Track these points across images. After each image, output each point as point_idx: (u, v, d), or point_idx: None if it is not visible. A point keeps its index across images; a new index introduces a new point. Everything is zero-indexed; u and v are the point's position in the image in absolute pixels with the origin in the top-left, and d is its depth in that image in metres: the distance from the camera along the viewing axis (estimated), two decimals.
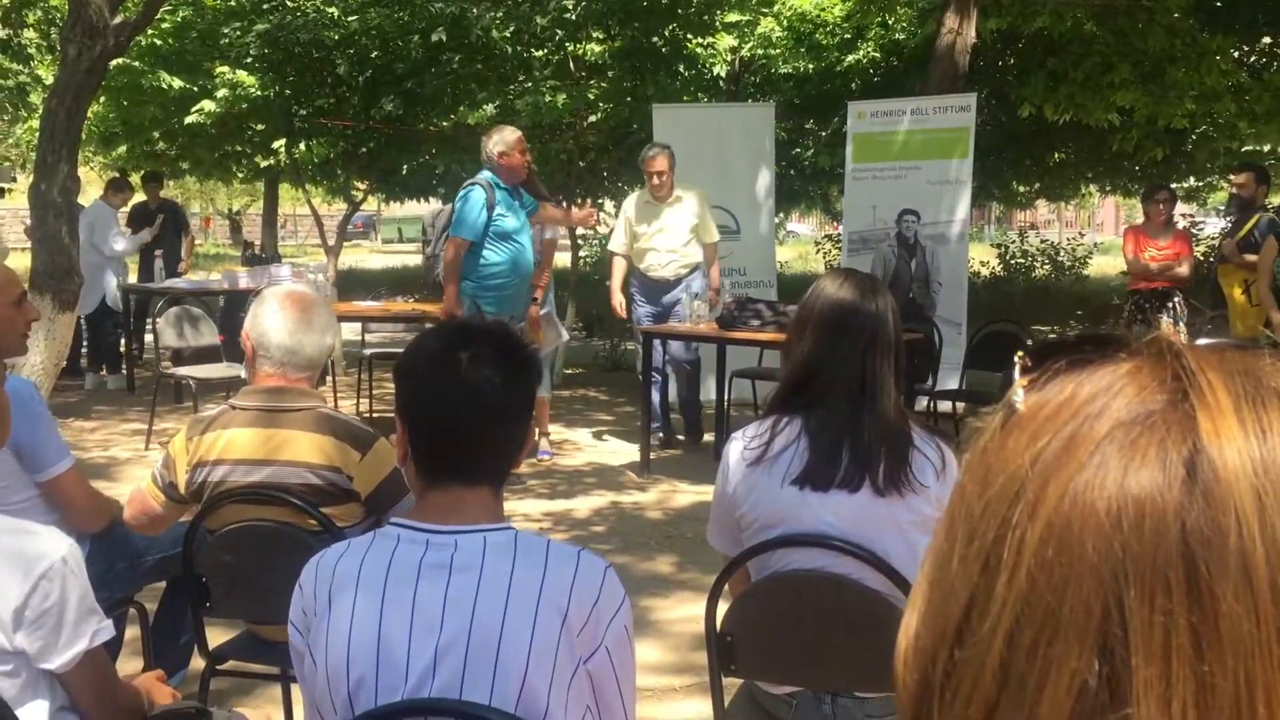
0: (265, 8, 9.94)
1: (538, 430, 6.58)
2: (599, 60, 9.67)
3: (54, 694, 1.71)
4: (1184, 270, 7.29)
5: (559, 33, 9.25)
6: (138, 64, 10.27)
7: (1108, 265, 19.93)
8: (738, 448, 2.25)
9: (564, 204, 10.69)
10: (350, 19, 9.63)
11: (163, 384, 7.23)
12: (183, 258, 9.64)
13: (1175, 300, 7.29)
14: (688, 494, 5.95)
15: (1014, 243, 18.75)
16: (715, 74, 11.03)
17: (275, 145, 10.76)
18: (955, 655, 0.54)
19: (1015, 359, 0.62)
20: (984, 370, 7.22)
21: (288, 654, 1.71)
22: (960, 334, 7.86)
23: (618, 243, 7.06)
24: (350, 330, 9.45)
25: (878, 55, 12.65)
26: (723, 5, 10.56)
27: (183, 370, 6.84)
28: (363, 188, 12.59)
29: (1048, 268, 18.40)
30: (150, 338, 8.37)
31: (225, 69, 9.92)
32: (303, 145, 10.47)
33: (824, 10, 12.38)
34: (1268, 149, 15.01)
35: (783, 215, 24.10)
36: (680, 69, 10.23)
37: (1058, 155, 15.37)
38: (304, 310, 2.53)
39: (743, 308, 6.33)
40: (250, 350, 2.57)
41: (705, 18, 10.15)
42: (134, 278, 9.51)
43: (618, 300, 7.07)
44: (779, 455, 2.17)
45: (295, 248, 33.82)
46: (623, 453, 6.91)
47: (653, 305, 6.92)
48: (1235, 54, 11.11)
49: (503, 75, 9.94)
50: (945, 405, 7.02)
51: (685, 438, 7.16)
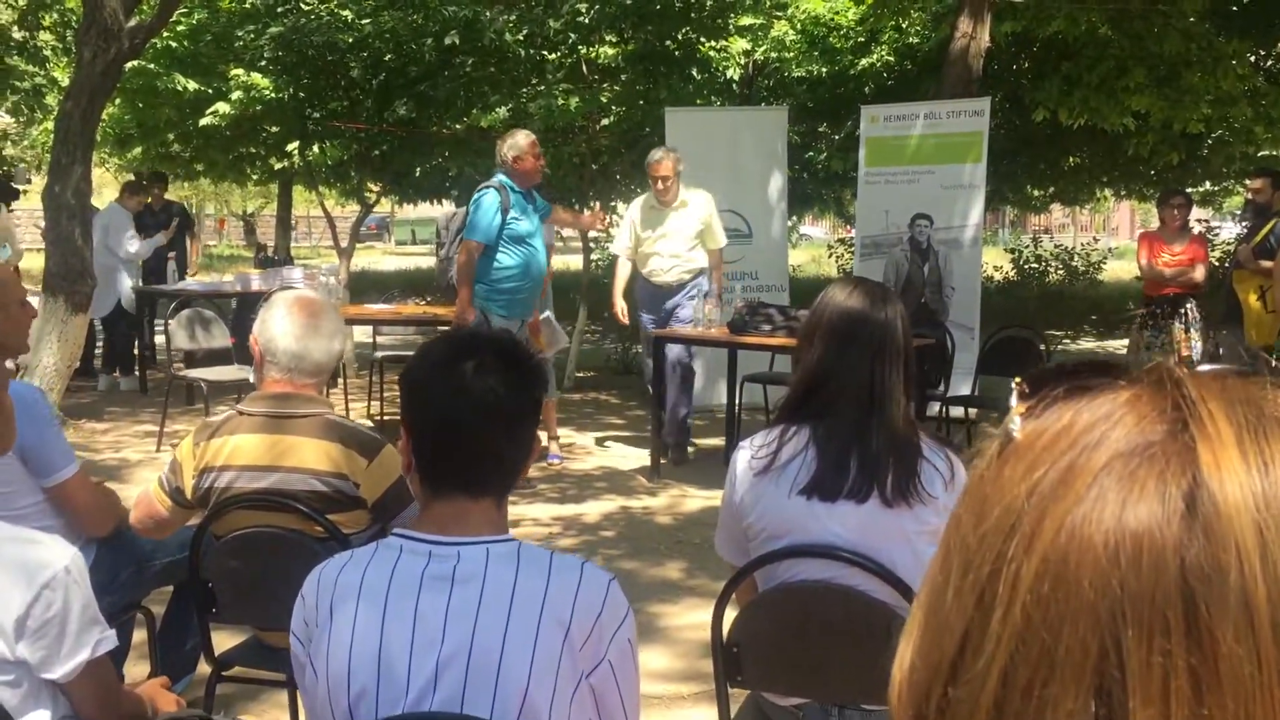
0: (279, 11, 9.96)
1: (546, 434, 6.56)
2: (612, 63, 9.66)
3: (56, 704, 1.71)
4: (1198, 275, 7.25)
5: (572, 36, 9.24)
6: (153, 66, 10.29)
7: (1123, 270, 19.83)
8: (745, 457, 2.24)
9: (576, 206, 10.71)
10: (364, 22, 9.63)
11: (175, 386, 7.25)
12: (190, 260, 9.68)
13: (1188, 306, 7.25)
14: (697, 499, 5.94)
15: (1028, 247, 18.66)
16: (728, 77, 11.01)
17: (289, 147, 10.78)
18: (949, 693, 0.53)
19: (1013, 385, 0.60)
20: (997, 376, 7.19)
21: None
22: (973, 339, 7.83)
23: (621, 246, 6.92)
24: (362, 332, 9.47)
25: (891, 59, 12.62)
26: (736, 9, 10.54)
27: (194, 373, 6.86)
28: (376, 189, 12.59)
29: (1062, 273, 18.31)
30: (161, 339, 8.39)
31: (239, 71, 9.94)
32: (316, 148, 10.49)
33: (837, 14, 12.35)
34: None
35: (795, 218, 24.09)
36: (693, 72, 10.21)
37: (1072, 159, 15.28)
38: (312, 316, 2.52)
39: (754, 312, 6.31)
40: (258, 355, 2.57)
41: (719, 21, 10.13)
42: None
43: (619, 307, 6.98)
44: (786, 465, 2.16)
45: (309, 249, 33.93)
46: (633, 457, 6.90)
47: (654, 313, 6.78)
48: (1251, 58, 11.05)
49: (515, 78, 9.94)
50: (958, 411, 6.98)
51: (670, 454, 6.71)
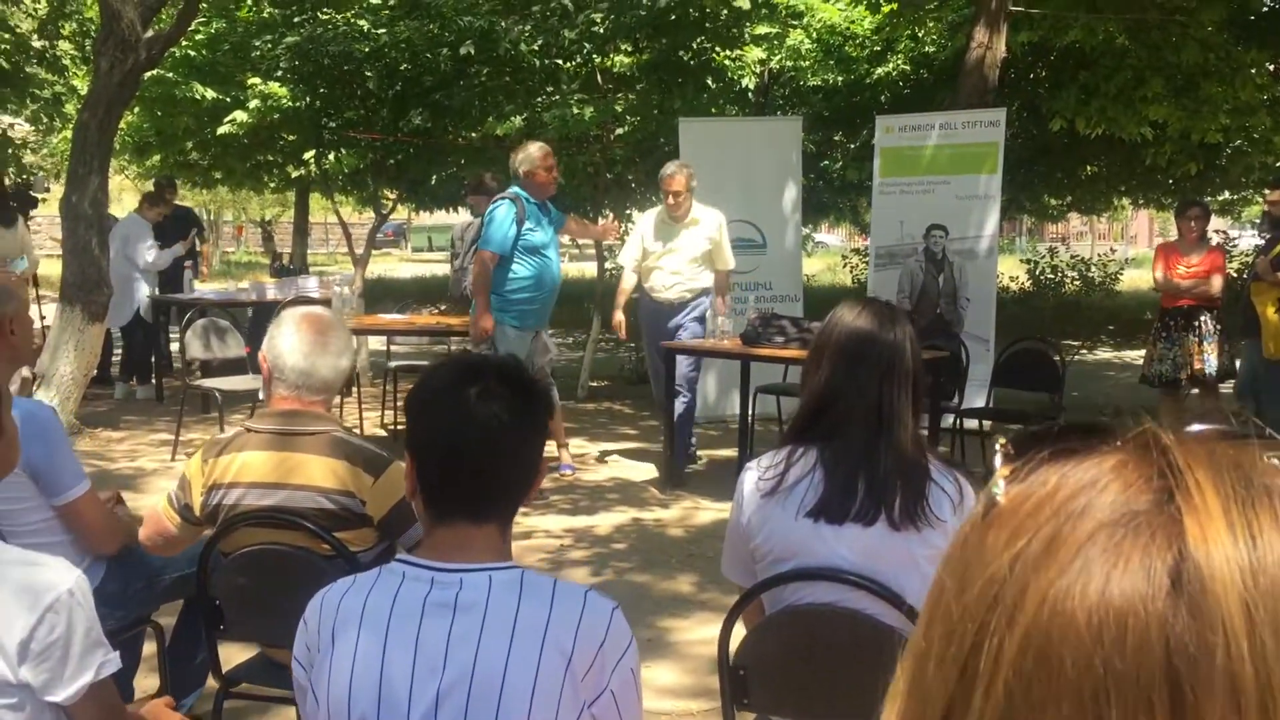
0: (296, 21, 10.01)
1: (556, 443, 6.54)
2: (627, 72, 9.67)
3: None
4: (1214, 288, 7.17)
5: (587, 46, 9.25)
6: (171, 75, 10.37)
7: (1141, 279, 19.71)
8: (752, 478, 2.22)
9: (590, 215, 10.71)
10: (379, 31, 9.68)
11: (190, 395, 7.27)
12: (203, 267, 9.73)
13: (1203, 318, 7.17)
14: (710, 511, 5.93)
15: (1044, 258, 18.56)
16: (744, 86, 11.02)
17: (306, 156, 10.84)
18: None
19: (997, 447, 0.60)
20: (1012, 388, 7.16)
21: None
22: (988, 350, 7.79)
23: (628, 257, 6.80)
24: (376, 341, 9.49)
25: (907, 68, 12.62)
26: (752, 18, 10.54)
27: (209, 382, 6.89)
28: (392, 197, 12.64)
29: (1078, 283, 18.20)
30: (175, 348, 8.44)
31: (256, 80, 10.00)
32: (332, 156, 10.54)
33: (853, 23, 12.36)
34: None
35: (811, 227, 24.06)
36: (708, 81, 10.21)
37: (1090, 168, 15.23)
38: (320, 333, 2.52)
39: (767, 324, 6.29)
40: (266, 372, 2.57)
41: (734, 31, 10.13)
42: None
43: (618, 319, 6.89)
44: (794, 486, 2.15)
45: (326, 256, 34.08)
46: (646, 468, 6.89)
47: (656, 329, 6.65)
48: (1270, 67, 10.98)
49: (530, 88, 9.96)
50: (972, 423, 6.94)
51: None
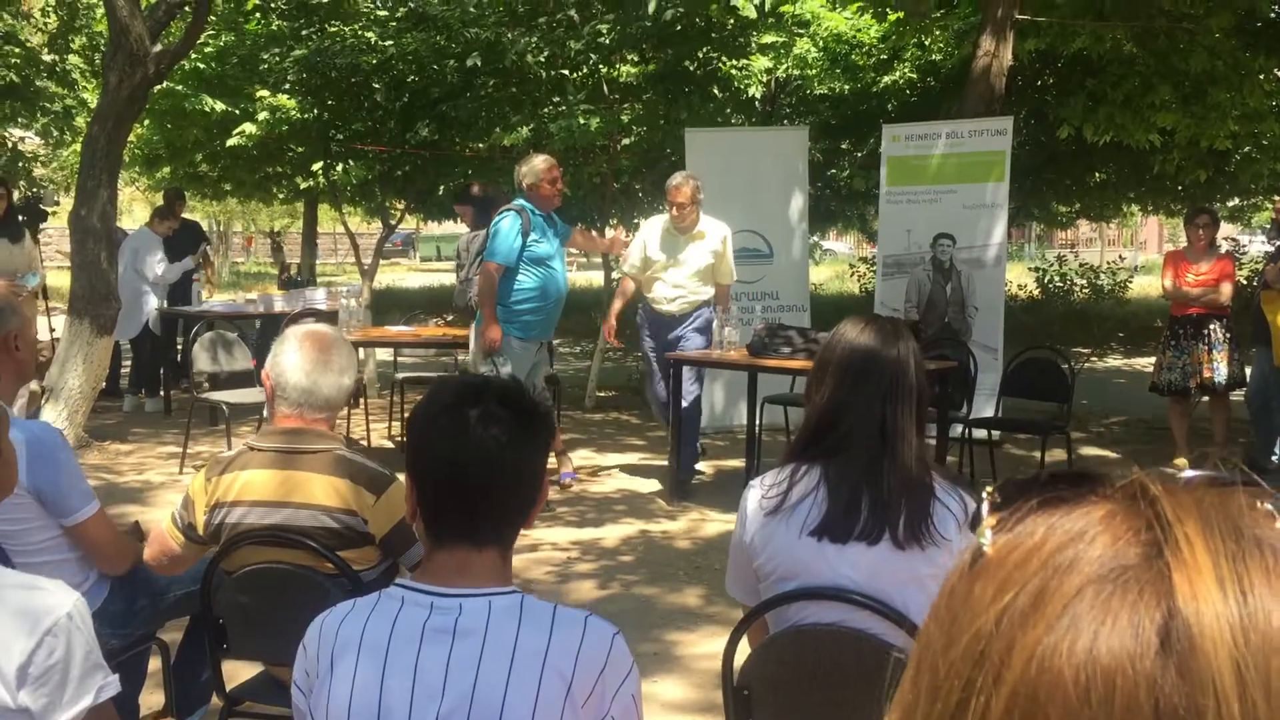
0: (304, 34, 10.05)
1: (554, 453, 6.52)
2: (634, 81, 9.69)
3: None
4: (1225, 294, 7.14)
5: (593, 57, 9.27)
6: (181, 88, 10.41)
7: (1151, 286, 19.65)
8: (755, 496, 2.21)
9: (597, 225, 10.71)
10: (387, 44, 9.72)
11: (198, 407, 7.29)
12: (208, 280, 9.75)
13: (1212, 327, 7.14)
14: (717, 522, 5.91)
15: (1052, 265, 18.52)
16: (750, 95, 11.02)
17: (314, 167, 10.88)
18: None
19: (984, 495, 0.59)
20: (1020, 398, 7.13)
21: None
22: (997, 359, 7.76)
23: (630, 265, 6.69)
24: (384, 352, 9.49)
25: (914, 76, 12.60)
26: (758, 27, 10.54)
27: (216, 395, 6.90)
28: (400, 207, 12.68)
29: (1087, 291, 18.15)
30: (181, 360, 8.46)
31: (265, 93, 10.04)
32: (340, 167, 10.58)
33: (860, 31, 12.33)
34: None
35: (819, 235, 24.05)
36: (714, 91, 10.22)
37: (1098, 175, 15.18)
38: (322, 351, 2.52)
39: (773, 334, 6.28)
40: (270, 389, 2.57)
41: (740, 40, 10.13)
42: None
43: (610, 325, 6.78)
44: (797, 505, 2.14)
45: (335, 265, 34.19)
46: (653, 479, 6.87)
47: (656, 339, 6.60)
48: (1278, 73, 10.94)
49: (536, 99, 9.99)
50: (980, 433, 6.92)
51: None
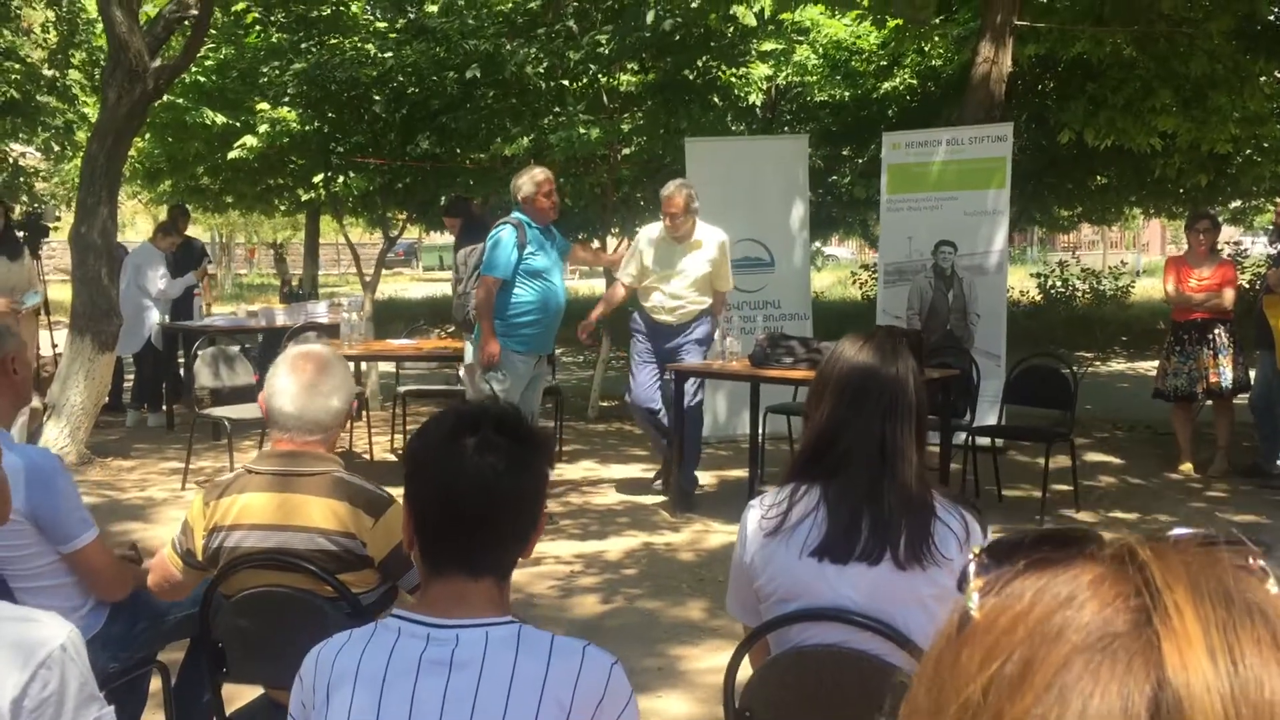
0: (303, 47, 10.06)
1: None
2: (633, 89, 9.69)
3: None
4: (1227, 299, 7.13)
5: (592, 67, 9.28)
6: (181, 101, 10.42)
7: (1154, 289, 19.63)
8: (755, 516, 2.20)
9: (597, 235, 10.72)
10: (386, 55, 9.73)
11: (201, 422, 7.28)
12: (206, 298, 9.76)
13: (1217, 331, 7.13)
14: (720, 534, 5.89)
15: (1054, 271, 18.49)
16: (751, 103, 11.02)
17: (315, 179, 10.88)
18: None
19: (970, 556, 0.58)
20: (1024, 405, 7.11)
21: None
22: (999, 365, 7.75)
23: (626, 274, 6.58)
24: (386, 364, 9.49)
25: (914, 82, 12.61)
26: (757, 35, 10.55)
27: (218, 411, 6.89)
28: (402, 218, 12.69)
29: (1089, 296, 18.13)
30: (185, 375, 8.46)
31: (265, 106, 10.05)
32: (341, 179, 10.59)
33: (859, 38, 12.36)
34: None
35: (820, 242, 24.05)
36: (714, 99, 10.22)
37: (1099, 179, 15.18)
38: (311, 374, 2.50)
39: (775, 344, 6.27)
40: (266, 413, 2.56)
41: (740, 47, 10.14)
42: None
43: (587, 324, 6.51)
44: (797, 526, 2.12)
45: (338, 276, 34.22)
46: (657, 490, 6.85)
47: (654, 349, 6.49)
48: (1279, 75, 10.93)
49: (536, 109, 10.00)
50: (984, 440, 6.90)
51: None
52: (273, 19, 10.60)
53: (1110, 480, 7.30)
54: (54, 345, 8.85)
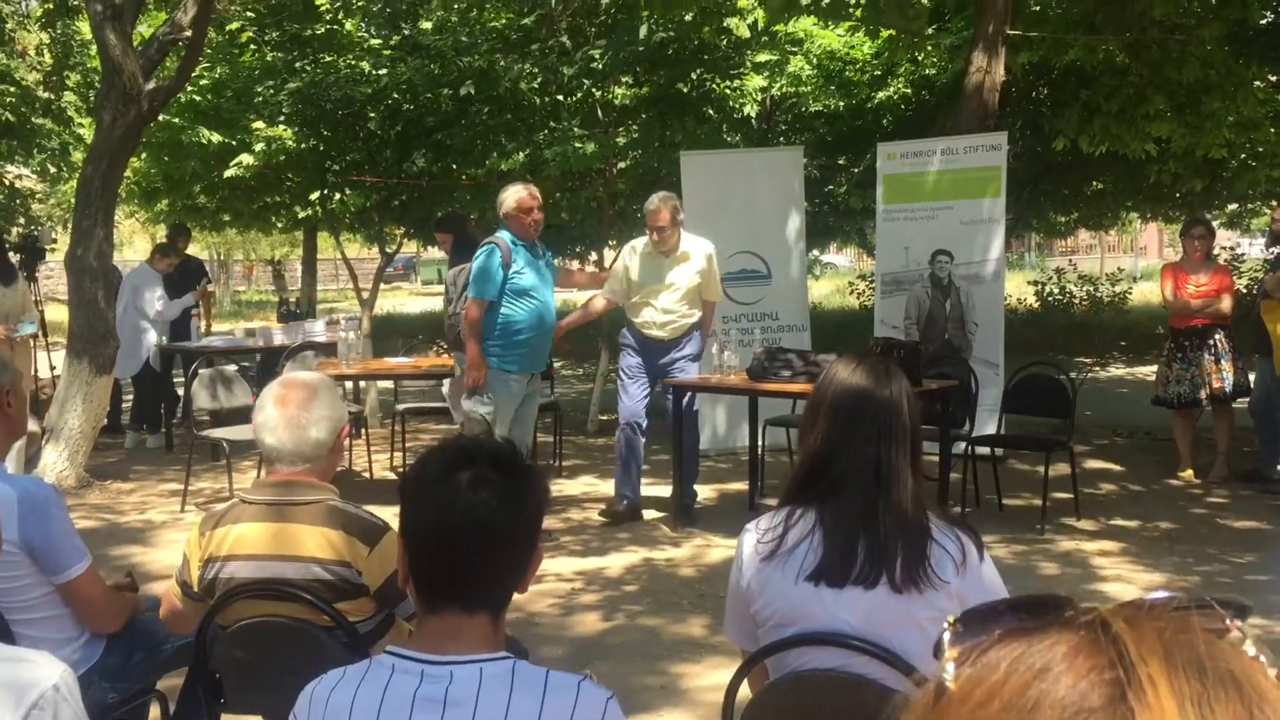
0: (298, 66, 10.07)
1: None
2: (628, 101, 9.70)
3: None
4: (1225, 306, 7.15)
5: (586, 82, 9.29)
6: (177, 120, 10.43)
7: (1152, 293, 19.64)
8: (751, 540, 2.19)
9: (592, 252, 10.72)
10: (381, 73, 9.73)
11: (199, 444, 7.27)
12: (203, 316, 9.75)
13: (1217, 337, 7.14)
14: (720, 549, 5.88)
15: (1051, 279, 18.49)
16: (746, 114, 11.03)
17: (312, 196, 10.89)
18: None
19: (945, 625, 0.57)
20: (1023, 414, 7.11)
21: None
22: (998, 374, 7.74)
23: (610, 289, 6.50)
24: (385, 381, 9.48)
25: (908, 91, 12.62)
26: (751, 46, 10.56)
27: (216, 432, 6.88)
28: (399, 233, 12.69)
29: (1086, 303, 18.13)
30: (182, 396, 8.45)
31: (261, 125, 10.06)
32: (337, 197, 10.59)
33: (853, 48, 12.38)
34: None
35: (817, 252, 24.07)
36: (709, 111, 10.24)
37: (1095, 184, 15.19)
38: (295, 407, 2.49)
39: (773, 358, 6.26)
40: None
41: (734, 59, 10.15)
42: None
43: (558, 329, 6.31)
44: (793, 550, 2.12)
45: (337, 292, 34.21)
46: (656, 504, 6.84)
47: (647, 363, 6.40)
48: (1273, 78, 10.94)
49: (531, 125, 10.00)
50: (983, 450, 6.89)
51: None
52: (267, 38, 10.62)
53: (1111, 487, 7.29)
54: (52, 368, 8.85)
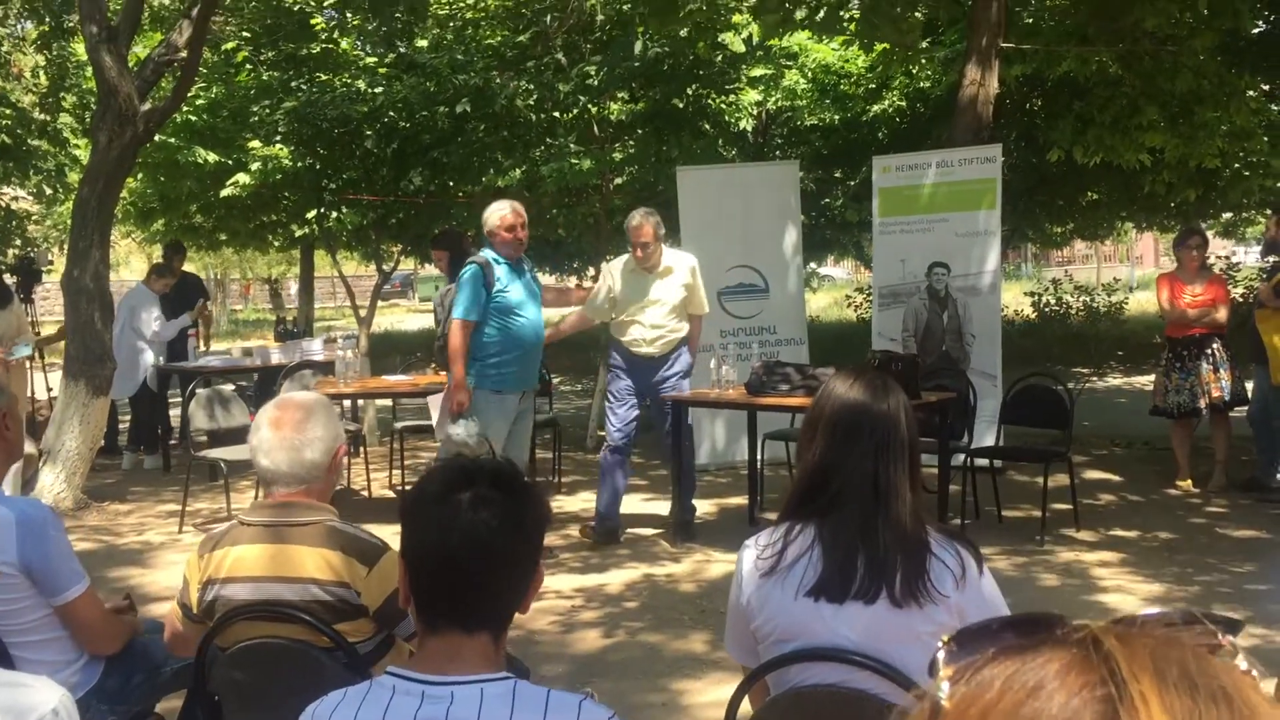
0: (294, 85, 10.10)
1: None
2: (624, 117, 9.73)
3: None
4: (1221, 316, 7.17)
5: (582, 98, 9.31)
6: (174, 140, 10.45)
7: (1148, 302, 19.67)
8: (750, 556, 2.19)
9: (594, 264, 10.73)
10: (376, 91, 9.76)
11: (196, 464, 7.26)
12: (201, 337, 9.75)
13: (1214, 346, 7.16)
14: (721, 563, 5.87)
15: (1048, 290, 18.53)
16: (741, 128, 11.06)
17: (308, 215, 10.90)
18: None
19: (939, 644, 0.57)
20: (1021, 425, 7.11)
21: None
22: (996, 385, 7.75)
23: (590, 306, 6.51)
24: (383, 399, 9.47)
25: (903, 104, 12.66)
26: (746, 61, 10.60)
27: (214, 452, 6.87)
28: (396, 250, 12.71)
29: (1083, 313, 18.17)
30: (178, 416, 8.44)
31: (257, 144, 10.08)
32: (334, 215, 10.61)
33: (847, 62, 12.43)
34: None
35: (814, 265, 24.10)
36: (705, 126, 10.27)
37: (1090, 195, 15.22)
38: (290, 429, 2.48)
39: (771, 372, 6.27)
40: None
41: (729, 73, 10.18)
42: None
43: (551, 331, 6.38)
44: (792, 565, 2.11)
45: (335, 309, 34.24)
46: (656, 519, 6.83)
47: (638, 383, 6.34)
48: (1266, 87, 10.98)
49: (527, 141, 10.03)
50: (982, 461, 6.89)
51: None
52: (263, 58, 10.65)
53: (1110, 498, 7.29)
54: (49, 389, 8.84)
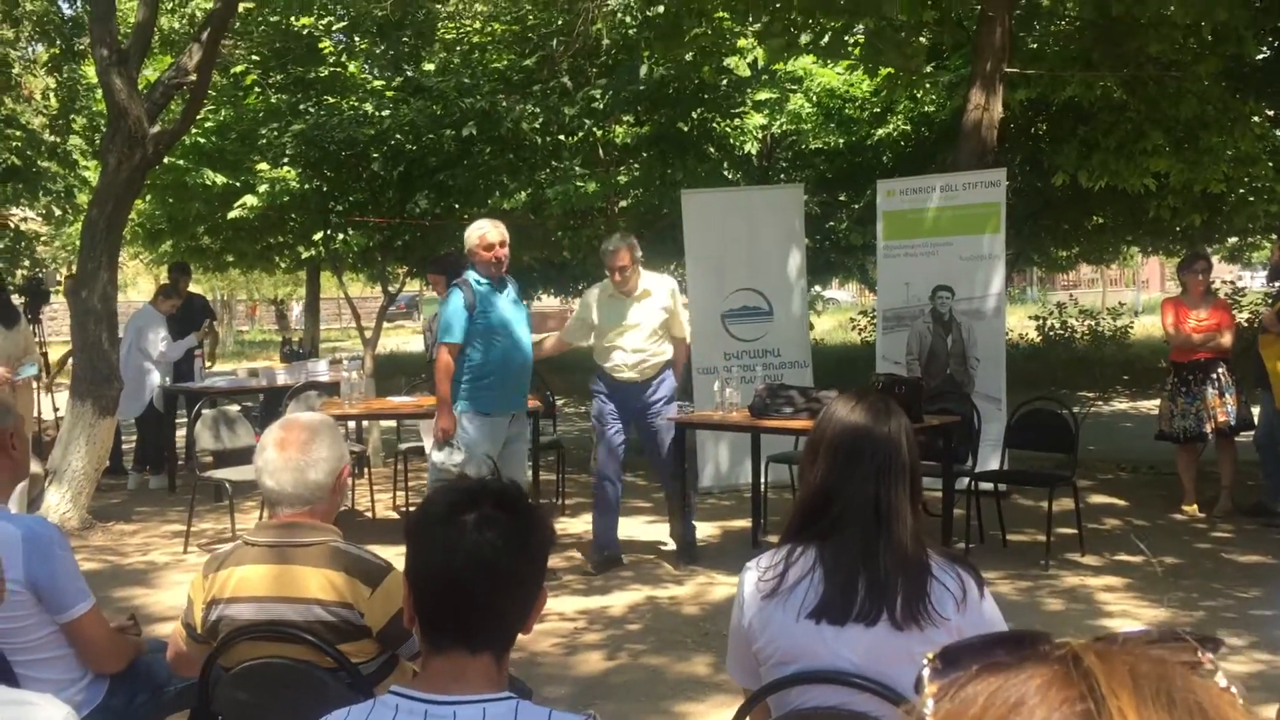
0: (301, 108, 10.18)
1: None
2: (629, 140, 9.79)
3: None
4: (1226, 340, 7.17)
5: (587, 121, 9.37)
6: (182, 162, 10.52)
7: (1153, 327, 19.65)
8: (752, 578, 2.20)
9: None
10: (383, 114, 9.83)
11: (201, 485, 7.27)
12: (207, 355, 9.76)
13: (1219, 371, 7.16)
14: (724, 586, 5.86)
15: (1052, 314, 18.52)
16: (746, 152, 11.12)
17: (315, 237, 10.96)
18: None
19: (924, 662, 0.59)
20: (1026, 449, 7.11)
21: None
22: (1000, 409, 7.74)
23: (568, 331, 6.52)
24: (388, 420, 9.49)
25: (908, 128, 12.71)
26: (750, 85, 10.66)
27: (219, 473, 6.88)
28: (401, 272, 12.76)
29: (1088, 337, 18.16)
30: (184, 436, 8.45)
31: (265, 166, 10.15)
32: (341, 237, 10.66)
33: (852, 86, 12.49)
34: None
35: (819, 288, 24.13)
36: (710, 149, 10.32)
37: (1096, 219, 15.25)
38: (295, 450, 2.50)
39: (774, 394, 6.28)
40: None
41: (735, 96, 10.24)
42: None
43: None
44: (794, 588, 2.12)
45: (340, 331, 34.31)
46: (658, 541, 6.83)
47: (622, 409, 6.28)
48: (1271, 112, 11.01)
49: (533, 164, 10.08)
50: (987, 485, 6.88)
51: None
52: (271, 81, 10.73)
53: (1115, 522, 7.27)
54: (55, 409, 8.87)
